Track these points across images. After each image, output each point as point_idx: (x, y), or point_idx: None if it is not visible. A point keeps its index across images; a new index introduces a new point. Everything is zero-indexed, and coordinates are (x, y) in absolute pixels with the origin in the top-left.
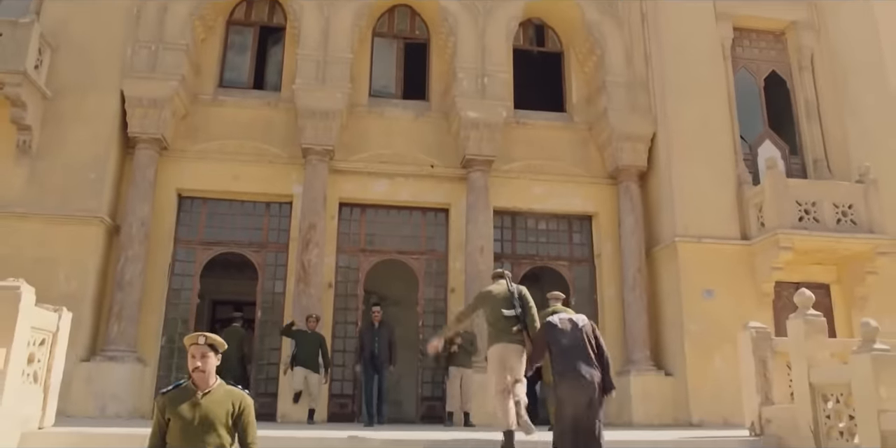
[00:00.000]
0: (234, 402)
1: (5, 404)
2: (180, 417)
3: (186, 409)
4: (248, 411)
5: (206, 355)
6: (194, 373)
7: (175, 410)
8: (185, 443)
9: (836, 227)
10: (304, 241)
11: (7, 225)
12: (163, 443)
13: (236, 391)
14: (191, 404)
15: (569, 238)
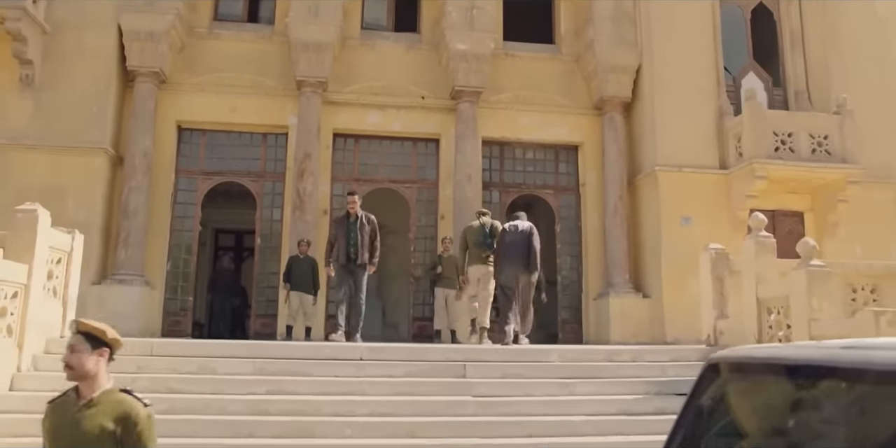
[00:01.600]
0: (119, 417)
1: (31, 314)
2: (52, 437)
3: (60, 427)
4: (142, 429)
5: (76, 350)
6: (66, 373)
7: (49, 427)
8: None
9: (811, 156)
10: (299, 171)
11: (16, 156)
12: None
13: (128, 401)
14: (66, 420)
15: (555, 167)
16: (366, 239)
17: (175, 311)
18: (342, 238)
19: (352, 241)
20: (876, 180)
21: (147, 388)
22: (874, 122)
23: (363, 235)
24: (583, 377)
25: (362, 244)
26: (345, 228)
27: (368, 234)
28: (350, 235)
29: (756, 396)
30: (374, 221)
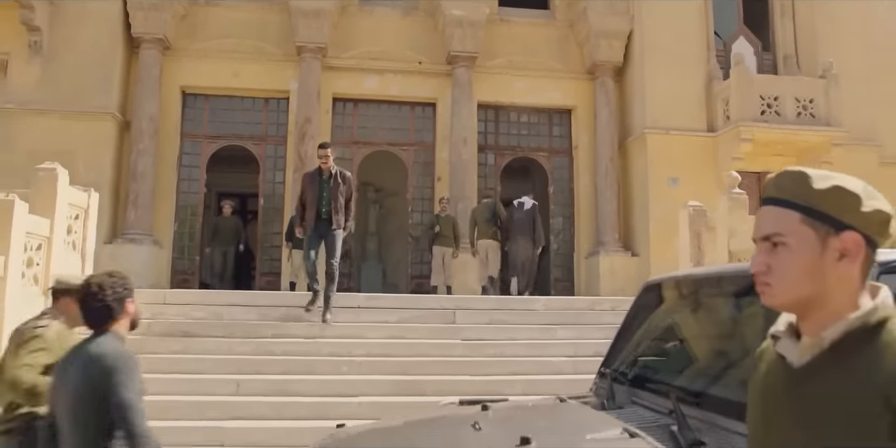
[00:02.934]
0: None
1: (54, 265)
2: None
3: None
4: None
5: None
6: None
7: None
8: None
9: (796, 120)
10: (300, 134)
11: (27, 121)
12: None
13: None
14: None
15: (548, 130)
16: (340, 199)
17: (183, 269)
18: (312, 197)
19: (324, 201)
20: (859, 143)
21: (162, 332)
22: (859, 85)
23: (337, 195)
24: (564, 323)
25: (336, 205)
26: (316, 186)
27: (343, 193)
28: (322, 195)
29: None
30: (350, 180)
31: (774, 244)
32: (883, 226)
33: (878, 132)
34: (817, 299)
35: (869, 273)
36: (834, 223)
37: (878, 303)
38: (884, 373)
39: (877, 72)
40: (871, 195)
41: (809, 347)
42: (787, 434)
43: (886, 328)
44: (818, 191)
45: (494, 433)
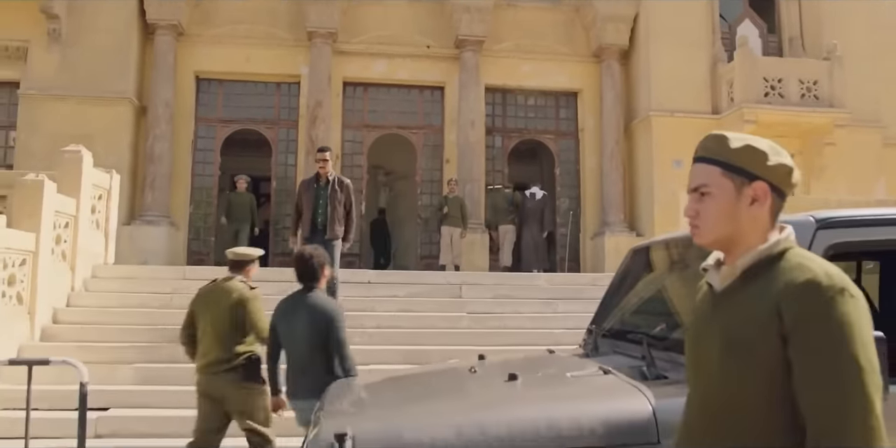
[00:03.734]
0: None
1: (80, 243)
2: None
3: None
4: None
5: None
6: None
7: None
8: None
9: (800, 101)
10: (311, 118)
11: (48, 106)
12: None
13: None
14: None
15: (555, 113)
16: (339, 209)
17: (198, 250)
18: (308, 206)
19: (320, 210)
20: (863, 124)
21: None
22: (864, 67)
23: (334, 204)
24: (566, 298)
25: (333, 215)
26: (312, 194)
27: (342, 202)
28: (318, 203)
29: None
30: (350, 187)
31: (702, 194)
32: (786, 176)
33: (884, 113)
34: (735, 237)
35: (778, 216)
36: (747, 175)
37: (781, 237)
38: (777, 287)
39: (882, 53)
40: (776, 152)
41: (728, 275)
42: (710, 346)
43: (786, 257)
44: (734, 149)
45: (488, 374)
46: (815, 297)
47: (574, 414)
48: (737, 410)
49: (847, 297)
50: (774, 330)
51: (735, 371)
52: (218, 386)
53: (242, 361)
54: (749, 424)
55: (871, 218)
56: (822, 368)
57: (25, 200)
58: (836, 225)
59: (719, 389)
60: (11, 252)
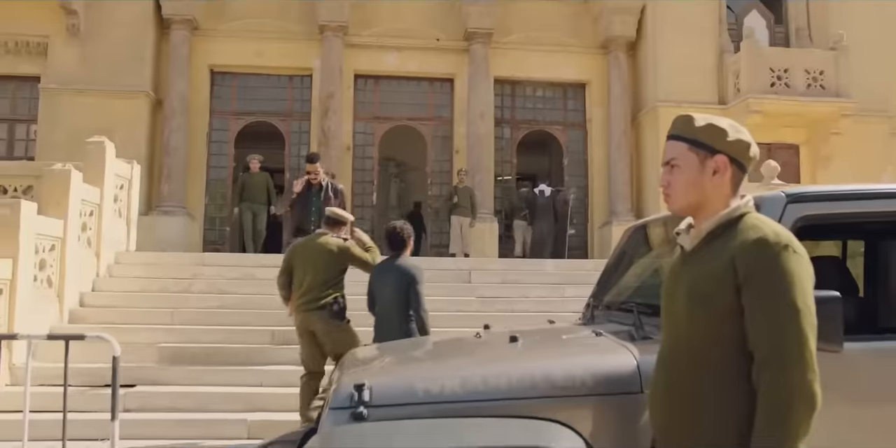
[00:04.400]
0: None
1: (104, 230)
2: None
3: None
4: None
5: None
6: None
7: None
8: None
9: (806, 91)
10: (323, 110)
11: (67, 100)
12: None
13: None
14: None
15: (563, 104)
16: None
17: (213, 240)
18: (301, 212)
19: (312, 218)
20: (870, 113)
21: (202, 289)
22: (871, 56)
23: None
24: (573, 283)
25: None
26: (304, 200)
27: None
28: (311, 210)
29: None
30: (343, 193)
31: (672, 167)
32: (744, 150)
33: (891, 103)
34: (701, 203)
35: (739, 185)
36: (709, 149)
37: (740, 204)
38: (734, 245)
39: (891, 43)
40: (736, 130)
41: (695, 236)
42: (679, 297)
43: (743, 220)
44: (698, 127)
45: (492, 339)
46: (764, 253)
47: (567, 367)
48: (699, 350)
49: (791, 252)
50: (731, 281)
51: (698, 317)
52: (311, 321)
53: (330, 301)
54: (709, 361)
55: (836, 193)
56: (767, 311)
57: (53, 189)
58: (804, 199)
59: (686, 333)
60: (42, 238)
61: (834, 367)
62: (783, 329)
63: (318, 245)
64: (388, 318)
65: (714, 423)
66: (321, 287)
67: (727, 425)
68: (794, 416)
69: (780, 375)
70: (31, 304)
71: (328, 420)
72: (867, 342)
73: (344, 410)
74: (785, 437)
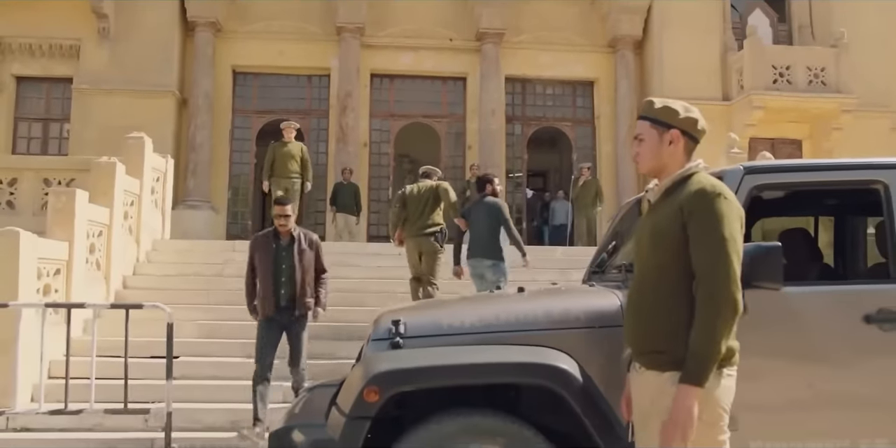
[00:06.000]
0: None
1: (143, 218)
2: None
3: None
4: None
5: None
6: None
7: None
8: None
9: (807, 88)
10: (341, 108)
11: (97, 99)
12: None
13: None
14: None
15: (572, 102)
16: (307, 274)
17: (236, 233)
18: (267, 272)
19: (283, 276)
20: (872, 109)
21: (233, 272)
22: (872, 53)
23: (303, 267)
24: (580, 268)
25: (303, 282)
26: (270, 255)
27: (311, 264)
28: (280, 267)
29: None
30: (318, 243)
31: (640, 140)
32: (693, 125)
33: (892, 98)
34: (662, 167)
35: (691, 153)
36: (665, 125)
37: (690, 165)
38: (682, 195)
39: (891, 39)
40: (687, 109)
41: (657, 191)
42: (644, 237)
43: (692, 178)
44: (657, 109)
45: (503, 292)
46: (703, 199)
47: (564, 306)
48: (658, 274)
49: (722, 199)
50: (679, 221)
51: (657, 249)
52: (419, 242)
53: (435, 230)
54: (665, 281)
55: (784, 165)
56: (704, 241)
57: (100, 180)
58: (758, 171)
59: (649, 262)
60: (92, 224)
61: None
62: (715, 254)
63: (423, 188)
64: (480, 236)
65: (668, 328)
66: (426, 218)
67: (677, 329)
68: (721, 318)
69: (712, 288)
70: (84, 284)
71: (370, 348)
72: (805, 286)
73: (383, 341)
74: (714, 334)
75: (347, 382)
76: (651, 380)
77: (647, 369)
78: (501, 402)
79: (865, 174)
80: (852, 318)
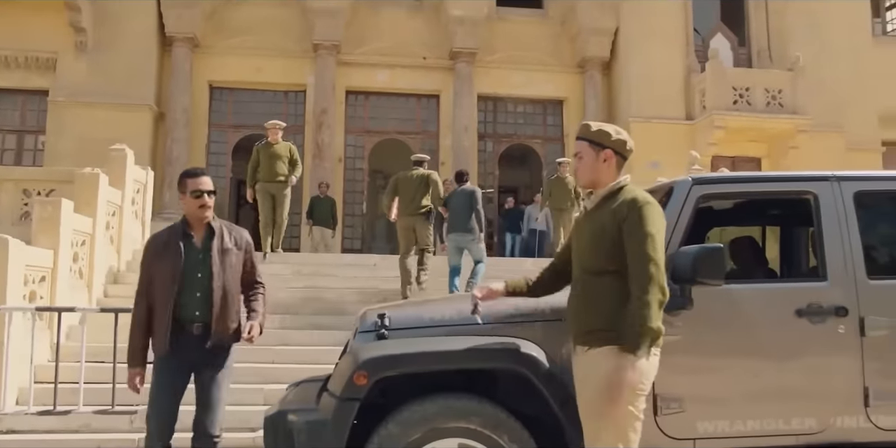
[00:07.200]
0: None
1: (124, 229)
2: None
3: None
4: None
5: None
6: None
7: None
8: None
9: (765, 109)
10: (317, 124)
11: (75, 112)
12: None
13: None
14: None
15: (543, 120)
16: (234, 283)
17: None
18: (169, 285)
19: (196, 290)
20: (826, 129)
21: None
22: (827, 76)
23: (225, 275)
24: None
25: (223, 296)
26: (178, 261)
27: (239, 269)
28: (193, 276)
29: None
30: (250, 244)
31: (579, 158)
32: (622, 145)
33: (845, 119)
34: (597, 180)
35: (621, 168)
36: (600, 145)
37: (620, 179)
38: (614, 206)
39: (845, 62)
40: (618, 132)
41: (594, 200)
42: (583, 239)
43: (623, 189)
44: (593, 131)
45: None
46: (634, 206)
47: (534, 302)
48: (596, 269)
49: (648, 205)
50: (615, 224)
51: (596, 247)
52: (413, 220)
53: (425, 211)
54: (601, 274)
55: (728, 177)
56: (634, 239)
57: (83, 190)
58: (704, 182)
59: (588, 259)
60: (77, 233)
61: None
62: (643, 250)
63: (413, 175)
64: (459, 216)
65: (604, 312)
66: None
67: (611, 313)
68: (653, 296)
69: (643, 273)
70: (68, 292)
71: (358, 340)
72: (745, 284)
73: (370, 333)
74: (649, 310)
75: (337, 369)
76: (587, 356)
77: (584, 348)
78: (479, 389)
79: (799, 186)
80: (786, 312)
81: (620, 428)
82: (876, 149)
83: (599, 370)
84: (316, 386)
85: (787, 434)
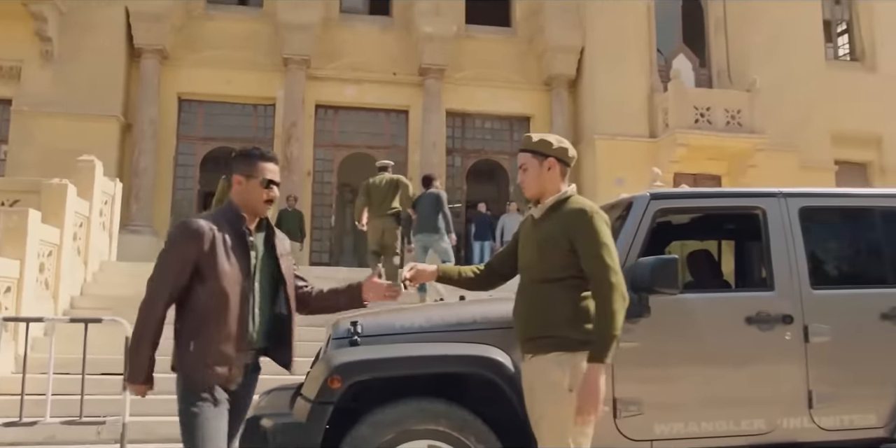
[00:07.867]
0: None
1: (92, 240)
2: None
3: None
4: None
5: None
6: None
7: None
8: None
9: (725, 128)
10: (286, 137)
11: (40, 122)
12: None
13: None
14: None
15: (510, 136)
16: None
17: None
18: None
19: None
20: (782, 148)
21: None
22: (783, 97)
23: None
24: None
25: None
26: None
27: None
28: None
29: None
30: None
31: (524, 170)
32: (564, 153)
33: (799, 139)
34: (543, 190)
35: (566, 176)
36: (543, 155)
37: (566, 189)
38: (563, 218)
39: (800, 85)
40: (559, 141)
41: (541, 209)
42: (531, 248)
43: (569, 199)
44: (535, 142)
45: (449, 301)
46: (582, 216)
47: (499, 309)
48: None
49: (597, 216)
50: (565, 234)
51: (545, 255)
52: (383, 222)
53: (394, 212)
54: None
55: (684, 193)
56: (590, 248)
57: (50, 201)
58: (661, 197)
59: (536, 267)
60: (43, 244)
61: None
62: (600, 257)
63: (383, 179)
64: (426, 217)
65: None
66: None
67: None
68: (615, 303)
69: (604, 283)
70: (34, 302)
71: (332, 346)
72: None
73: (342, 339)
74: (613, 318)
75: (311, 374)
76: (532, 363)
77: (532, 355)
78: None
79: (749, 201)
80: (737, 320)
81: (575, 432)
82: (829, 167)
83: (547, 376)
84: (287, 393)
85: (737, 435)
